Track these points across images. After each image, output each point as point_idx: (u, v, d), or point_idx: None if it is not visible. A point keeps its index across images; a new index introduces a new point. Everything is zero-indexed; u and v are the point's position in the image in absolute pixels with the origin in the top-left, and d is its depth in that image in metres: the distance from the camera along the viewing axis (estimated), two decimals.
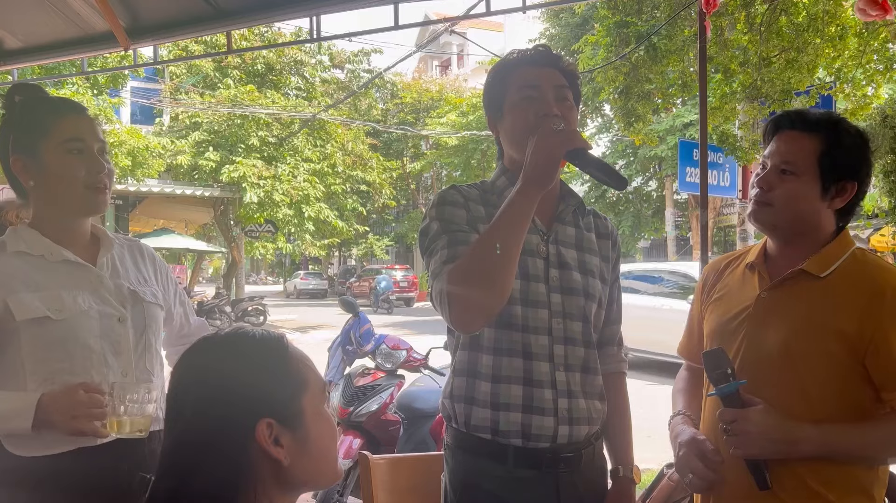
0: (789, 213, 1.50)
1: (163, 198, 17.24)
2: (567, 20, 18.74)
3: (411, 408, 4.29)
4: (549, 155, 1.38)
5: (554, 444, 1.53)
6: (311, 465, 1.01)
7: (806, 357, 1.44)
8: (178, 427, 0.98)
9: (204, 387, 0.97)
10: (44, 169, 1.61)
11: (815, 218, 1.51)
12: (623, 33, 6.53)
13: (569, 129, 1.44)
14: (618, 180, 1.41)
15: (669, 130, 16.77)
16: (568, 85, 1.61)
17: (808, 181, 1.48)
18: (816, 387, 1.43)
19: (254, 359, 0.99)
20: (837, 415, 1.42)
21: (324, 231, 20.52)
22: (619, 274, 1.74)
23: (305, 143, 19.22)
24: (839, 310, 1.43)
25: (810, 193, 1.48)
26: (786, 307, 1.50)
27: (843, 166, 1.48)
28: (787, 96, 5.04)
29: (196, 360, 1.01)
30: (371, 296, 24.57)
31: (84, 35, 3.50)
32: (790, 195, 1.49)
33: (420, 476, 2.05)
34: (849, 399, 1.42)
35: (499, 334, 1.53)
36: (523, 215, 1.41)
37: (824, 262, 1.48)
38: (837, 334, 1.41)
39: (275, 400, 0.98)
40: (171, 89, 19.41)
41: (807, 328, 1.45)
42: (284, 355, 1.02)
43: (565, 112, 1.56)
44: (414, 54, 28.51)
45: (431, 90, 30.34)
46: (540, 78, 1.59)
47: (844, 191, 1.49)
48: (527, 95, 1.57)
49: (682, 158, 9.01)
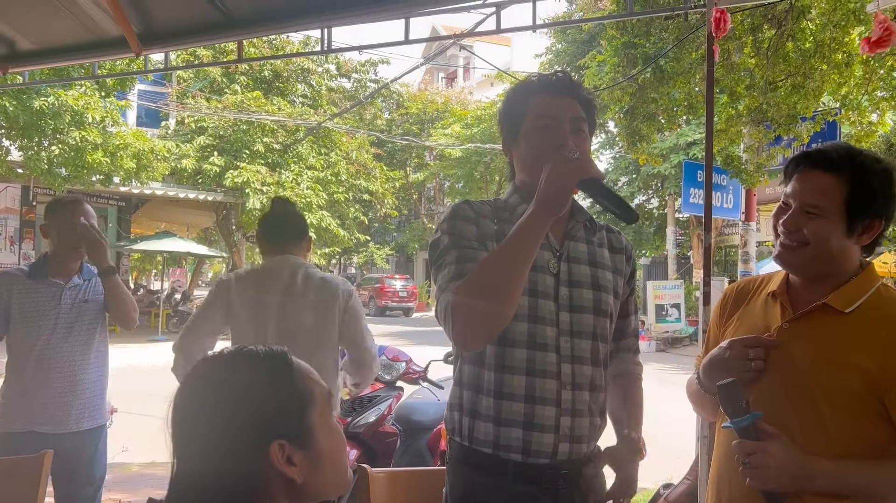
0: (819, 252, 1.47)
1: (166, 201, 17.28)
2: (574, 36, 18.83)
3: (409, 421, 4.28)
4: (563, 182, 1.40)
5: (554, 461, 1.54)
6: (323, 479, 1.01)
7: (826, 392, 1.43)
8: (188, 452, 0.98)
9: (213, 413, 0.97)
10: None
11: (842, 255, 1.49)
12: (631, 54, 6.57)
13: (583, 158, 1.45)
14: (628, 213, 1.42)
15: (673, 149, 16.78)
16: (584, 117, 1.63)
17: (835, 222, 1.45)
18: (835, 423, 1.42)
19: (260, 380, 0.99)
20: (855, 451, 1.41)
21: (325, 239, 20.51)
22: (633, 287, 1.75)
23: (310, 151, 19.25)
24: (861, 347, 1.42)
25: (837, 233, 1.46)
26: (807, 340, 1.49)
27: (867, 205, 1.45)
28: (792, 121, 5.05)
29: (202, 384, 1.01)
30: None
31: (96, 39, 3.52)
32: (820, 238, 1.46)
33: (418, 490, 2.05)
34: (867, 436, 1.42)
35: (500, 351, 1.54)
36: (533, 240, 1.42)
37: (849, 298, 1.47)
38: (858, 371, 1.41)
39: (285, 420, 0.98)
40: (178, 93, 19.46)
41: (828, 363, 1.44)
42: (289, 373, 1.02)
43: (579, 143, 1.58)
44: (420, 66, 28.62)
45: (437, 101, 30.44)
46: (558, 108, 1.60)
47: (872, 227, 1.48)
48: (543, 125, 1.59)
49: (686, 179, 9.02)
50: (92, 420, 2.86)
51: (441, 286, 1.52)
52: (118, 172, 13.10)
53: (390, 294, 26.83)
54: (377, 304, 26.59)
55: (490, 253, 1.50)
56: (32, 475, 2.17)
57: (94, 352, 2.85)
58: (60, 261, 2.83)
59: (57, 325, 2.76)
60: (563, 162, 1.41)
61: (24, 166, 12.25)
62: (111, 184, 13.61)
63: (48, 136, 11.84)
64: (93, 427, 2.86)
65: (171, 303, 18.98)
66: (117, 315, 2.88)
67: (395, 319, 25.15)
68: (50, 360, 2.74)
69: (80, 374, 2.80)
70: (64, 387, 2.77)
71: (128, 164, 12.91)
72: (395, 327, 20.56)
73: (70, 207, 2.85)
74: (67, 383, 2.78)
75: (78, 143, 11.78)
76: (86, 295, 2.85)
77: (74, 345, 2.80)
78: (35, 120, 11.19)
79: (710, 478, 1.64)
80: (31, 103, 11.01)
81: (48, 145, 12.05)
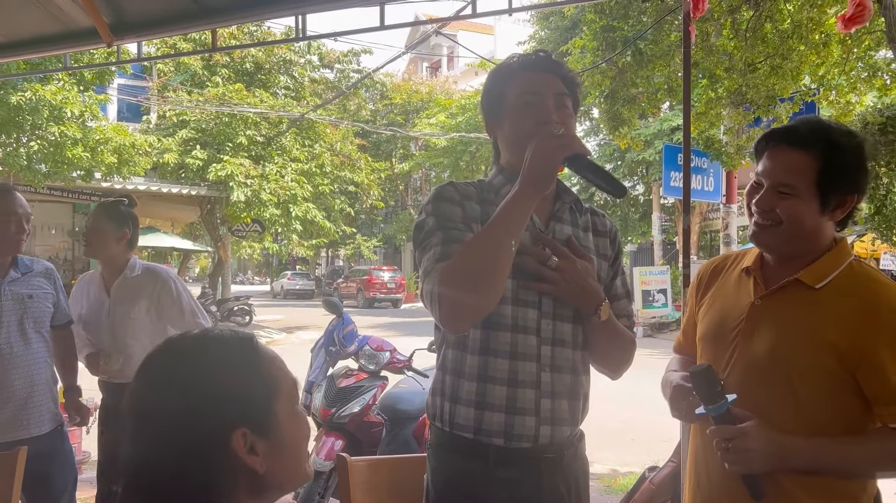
0: (793, 231, 1.46)
1: (149, 196, 17.09)
2: (556, 23, 18.77)
3: (394, 410, 4.27)
4: (548, 159, 1.39)
5: (536, 445, 1.53)
6: (284, 471, 0.99)
7: (798, 368, 1.43)
8: (146, 435, 0.95)
9: (175, 396, 0.94)
10: None
11: (817, 232, 1.48)
12: (610, 37, 6.56)
13: (568, 135, 1.44)
14: (616, 187, 1.41)
15: (657, 135, 16.82)
16: (567, 93, 1.61)
17: (808, 199, 1.44)
18: (808, 399, 1.42)
19: (226, 365, 0.96)
20: (829, 427, 1.41)
21: (311, 231, 20.43)
22: (619, 269, 1.72)
23: (293, 143, 19.13)
24: (832, 322, 1.42)
25: (811, 210, 1.44)
26: (779, 316, 1.49)
27: (839, 181, 1.44)
28: (771, 102, 5.07)
29: (164, 366, 0.97)
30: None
31: (67, 30, 3.47)
32: (793, 216, 1.45)
33: (400, 478, 2.04)
34: (840, 411, 1.41)
35: (485, 335, 1.53)
36: (519, 218, 1.41)
37: (820, 273, 1.46)
38: (830, 346, 1.40)
39: (249, 407, 0.95)
40: (159, 87, 19.27)
41: (799, 339, 1.44)
42: (256, 359, 0.99)
43: (564, 119, 1.56)
44: (403, 55, 28.50)
45: (421, 91, 30.32)
46: (540, 84, 1.58)
47: (845, 203, 1.47)
48: (526, 101, 1.57)
49: (666, 162, 9.06)
50: (54, 420, 2.73)
51: (426, 268, 1.50)
52: (99, 168, 12.95)
53: (378, 286, 26.79)
54: (365, 296, 26.55)
55: (476, 233, 1.48)
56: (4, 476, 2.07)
57: (43, 348, 2.71)
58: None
59: (2, 325, 2.58)
60: (548, 139, 1.40)
61: (3, 163, 12.09)
62: (92, 179, 13.45)
63: (27, 131, 11.69)
64: (54, 428, 2.73)
65: None
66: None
67: (384, 311, 25.14)
68: (3, 363, 2.57)
69: (39, 375, 2.66)
70: (22, 389, 2.61)
71: (109, 159, 12.77)
72: (383, 319, 20.55)
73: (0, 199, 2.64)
74: (26, 385, 2.62)
75: (57, 139, 11.63)
76: (29, 289, 2.67)
77: (28, 343, 2.63)
78: (12, 116, 11.05)
79: (689, 463, 1.64)
80: (8, 99, 10.87)
81: (27, 141, 11.89)
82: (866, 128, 3.18)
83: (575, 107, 1.64)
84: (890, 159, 3.20)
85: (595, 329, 1.58)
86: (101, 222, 2.97)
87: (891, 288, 1.44)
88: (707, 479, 1.55)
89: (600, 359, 1.65)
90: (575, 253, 1.55)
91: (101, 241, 2.95)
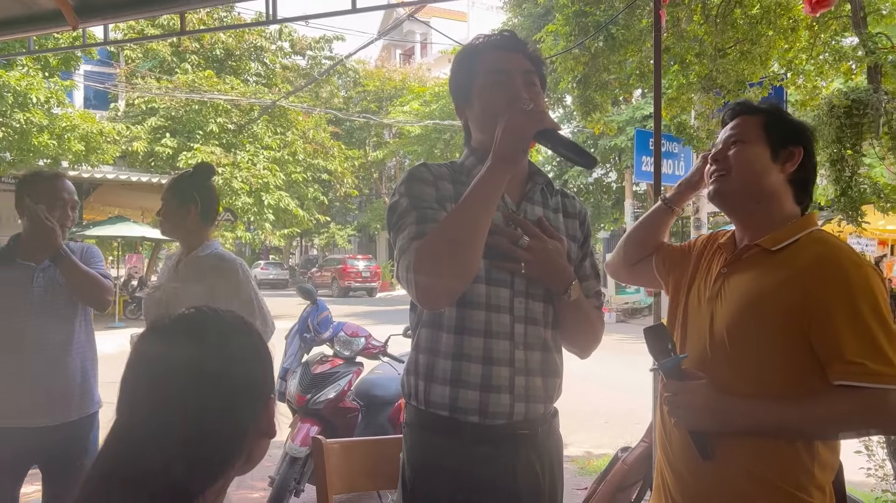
0: (744, 176, 1.56)
1: (118, 185, 16.81)
2: (530, 10, 18.75)
3: (370, 396, 4.28)
4: (519, 134, 1.40)
5: (510, 421, 1.54)
6: (265, 444, 1.02)
7: (756, 332, 1.46)
8: (159, 408, 0.91)
9: (207, 369, 0.93)
10: None
11: (767, 183, 1.55)
12: (582, 22, 6.59)
13: (538, 110, 1.45)
14: (587, 159, 1.43)
15: (629, 122, 16.94)
16: (535, 69, 1.63)
17: (758, 145, 1.56)
18: (768, 362, 1.45)
19: (241, 341, 1.00)
20: (788, 391, 1.43)
21: (284, 220, 20.28)
22: (589, 251, 1.74)
23: (265, 131, 18.96)
24: (785, 284, 1.45)
25: (762, 156, 1.56)
26: (740, 282, 1.53)
27: (787, 131, 1.57)
28: (741, 87, 5.14)
29: (188, 339, 0.96)
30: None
31: (30, 13, 3.40)
32: (742, 159, 1.57)
33: (376, 460, 2.04)
34: (798, 375, 1.43)
35: (460, 313, 1.54)
36: (492, 194, 1.42)
37: (779, 239, 1.51)
38: (784, 308, 1.43)
39: (271, 377, 1.02)
40: (127, 74, 18.93)
41: (756, 303, 1.48)
42: (255, 333, 1.03)
43: (533, 97, 1.57)
44: (376, 42, 28.32)
45: (394, 79, 30.16)
46: (508, 63, 1.60)
47: (793, 155, 1.55)
48: (495, 80, 1.58)
49: (638, 147, 9.15)
50: (81, 409, 2.63)
51: (402, 247, 1.50)
52: (66, 156, 12.72)
53: (353, 274, 26.68)
54: (340, 285, 26.43)
55: (450, 211, 1.49)
56: None
57: (76, 335, 2.64)
58: (34, 242, 2.56)
59: (32, 310, 2.55)
60: (518, 114, 1.41)
61: None
62: (59, 167, 13.20)
63: None
64: (82, 416, 2.63)
65: (129, 290, 18.61)
66: (84, 299, 2.66)
67: (359, 300, 25.08)
68: (28, 348, 2.53)
69: (63, 361, 2.59)
70: (46, 376, 2.56)
71: (76, 147, 12.54)
72: (358, 307, 20.51)
73: (49, 183, 2.62)
74: (49, 372, 2.56)
75: (22, 126, 11.38)
76: (62, 276, 2.61)
77: (53, 329, 2.58)
78: None
79: (658, 432, 1.68)
80: None
81: None
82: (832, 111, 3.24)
83: (542, 83, 1.65)
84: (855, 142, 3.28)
85: (565, 308, 1.60)
86: (167, 198, 2.72)
87: (840, 248, 1.46)
88: (669, 443, 1.60)
89: (569, 338, 1.67)
90: (546, 233, 1.57)
91: (169, 219, 2.71)
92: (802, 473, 1.43)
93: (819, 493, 1.44)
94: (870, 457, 3.62)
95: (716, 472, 1.48)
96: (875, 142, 3.55)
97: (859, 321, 1.38)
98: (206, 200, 2.71)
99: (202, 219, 2.70)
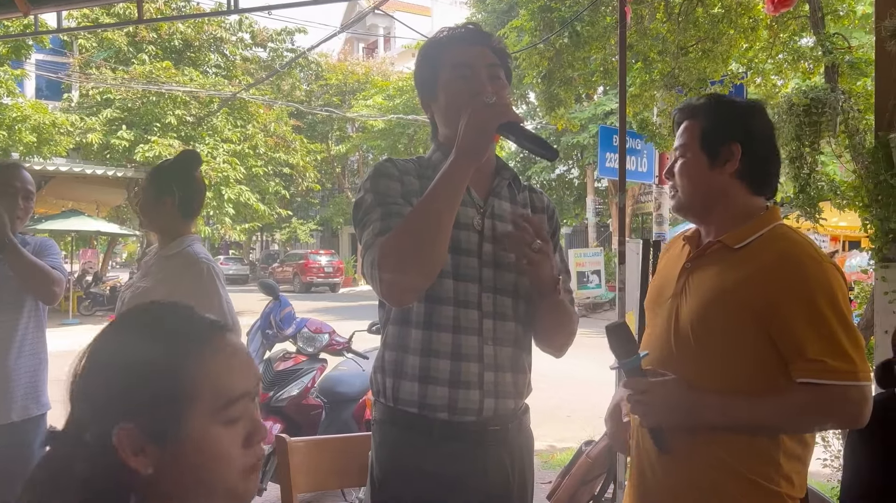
0: (689, 189, 1.59)
1: (72, 178, 16.34)
2: (493, 6, 18.81)
3: (334, 393, 4.23)
4: (482, 128, 1.39)
5: (480, 418, 1.53)
6: (180, 486, 0.89)
7: (720, 329, 1.47)
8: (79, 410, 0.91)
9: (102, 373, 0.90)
10: None
11: (713, 188, 1.57)
12: (547, 18, 6.60)
13: (501, 103, 1.45)
14: (550, 152, 1.43)
15: (591, 119, 17.10)
16: (499, 63, 1.62)
17: (694, 156, 1.58)
18: (732, 359, 1.46)
19: (137, 353, 0.89)
20: (751, 388, 1.44)
21: (244, 215, 19.99)
22: (557, 244, 1.73)
23: (225, 123, 18.65)
24: (747, 281, 1.46)
25: (699, 166, 1.57)
26: (703, 278, 1.54)
27: (720, 133, 1.56)
28: (702, 85, 5.19)
29: (105, 341, 0.93)
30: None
31: None
32: (683, 174, 1.60)
33: (342, 458, 2.01)
34: (761, 372, 1.44)
35: (429, 308, 1.52)
36: (456, 188, 1.41)
37: (742, 236, 1.52)
38: (745, 304, 1.44)
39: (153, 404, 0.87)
40: (81, 63, 18.41)
41: (719, 300, 1.48)
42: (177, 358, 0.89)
43: (498, 90, 1.57)
44: (339, 34, 28.06)
45: (357, 72, 29.94)
46: (472, 56, 1.59)
47: (732, 154, 1.55)
48: (460, 74, 1.58)
49: (602, 144, 9.23)
50: (24, 411, 2.52)
51: (367, 243, 1.49)
52: (17, 147, 12.33)
53: (315, 270, 26.45)
54: (302, 281, 26.19)
55: (415, 205, 1.47)
56: None
57: (24, 331, 2.53)
58: None
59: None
60: (481, 107, 1.40)
61: None
62: (10, 159, 12.80)
63: None
64: (24, 419, 2.52)
65: (83, 286, 18.15)
66: (31, 290, 2.53)
67: (322, 295, 24.87)
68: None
69: (10, 359, 2.49)
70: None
71: (27, 139, 12.18)
72: (321, 303, 20.34)
73: (3, 172, 2.56)
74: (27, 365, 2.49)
75: None
76: (10, 269, 2.50)
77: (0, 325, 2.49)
78: None
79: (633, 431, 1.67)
80: None
81: None
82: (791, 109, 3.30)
83: (507, 77, 1.65)
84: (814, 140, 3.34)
85: (547, 307, 1.59)
86: (145, 188, 2.54)
87: (801, 245, 1.47)
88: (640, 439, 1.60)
89: (548, 338, 1.65)
90: (538, 234, 1.55)
91: (145, 212, 2.53)
92: (769, 464, 1.45)
93: (787, 483, 1.46)
94: (826, 448, 3.71)
95: (685, 466, 1.49)
96: (832, 140, 3.62)
97: (819, 318, 1.40)
98: (187, 193, 2.48)
99: (181, 213, 2.48)
